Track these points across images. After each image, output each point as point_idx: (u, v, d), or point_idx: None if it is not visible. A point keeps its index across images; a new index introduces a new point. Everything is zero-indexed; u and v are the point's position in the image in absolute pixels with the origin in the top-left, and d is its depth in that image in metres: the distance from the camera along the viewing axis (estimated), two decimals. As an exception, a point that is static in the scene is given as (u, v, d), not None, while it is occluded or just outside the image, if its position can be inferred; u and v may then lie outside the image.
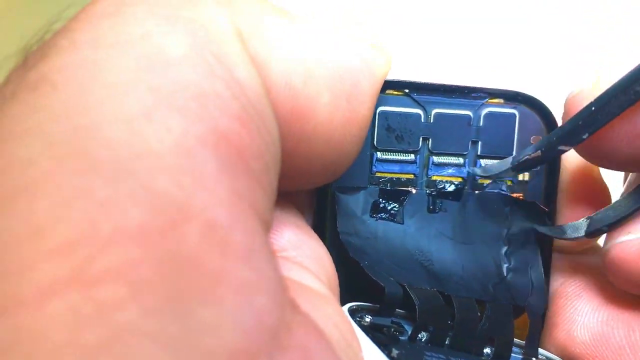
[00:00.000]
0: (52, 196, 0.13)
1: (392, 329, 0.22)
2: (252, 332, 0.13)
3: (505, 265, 0.26)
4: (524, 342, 0.25)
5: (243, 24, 0.18)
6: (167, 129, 0.14)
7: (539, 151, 0.23)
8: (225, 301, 0.13)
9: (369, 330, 0.21)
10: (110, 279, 0.12)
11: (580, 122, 0.22)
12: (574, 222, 0.25)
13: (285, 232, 0.21)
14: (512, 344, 0.24)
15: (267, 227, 0.17)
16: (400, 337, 0.22)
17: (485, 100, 0.26)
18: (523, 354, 0.24)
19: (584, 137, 0.22)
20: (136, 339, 0.12)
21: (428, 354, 0.21)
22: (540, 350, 0.25)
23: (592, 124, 0.22)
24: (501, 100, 0.26)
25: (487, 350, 0.23)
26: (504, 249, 0.26)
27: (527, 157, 0.24)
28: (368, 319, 0.21)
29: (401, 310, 0.23)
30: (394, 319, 0.23)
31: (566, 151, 0.23)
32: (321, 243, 0.23)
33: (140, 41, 0.15)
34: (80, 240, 0.13)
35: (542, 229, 0.26)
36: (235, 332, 0.13)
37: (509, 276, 0.25)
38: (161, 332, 0.12)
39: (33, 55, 0.16)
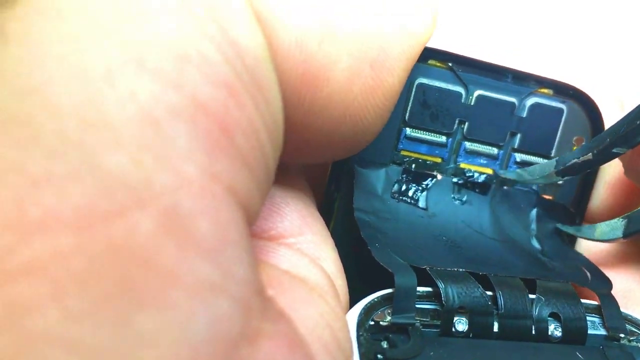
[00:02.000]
0: None
1: (418, 326, 0.18)
2: (205, 345, 0.11)
3: (545, 259, 0.23)
4: (594, 305, 0.21)
5: None
6: (131, 94, 0.12)
7: (590, 154, 0.20)
8: (175, 306, 0.11)
9: (388, 332, 0.18)
10: (30, 274, 0.10)
11: (638, 122, 0.19)
12: (609, 221, 0.22)
13: (287, 215, 0.19)
14: (584, 318, 0.20)
15: (250, 213, 0.14)
16: (428, 332, 0.19)
17: (534, 90, 0.23)
18: (607, 329, 0.20)
19: None
20: (52, 350, 0.10)
21: None
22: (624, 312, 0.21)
23: None
24: (551, 92, 0.23)
25: (553, 330, 0.20)
26: (538, 247, 0.24)
27: (575, 160, 0.21)
28: (389, 317, 0.18)
29: (428, 289, 0.19)
30: (422, 308, 0.19)
31: (621, 154, 0.20)
32: (325, 228, 0.20)
33: None
34: (1, 226, 0.10)
35: (569, 230, 0.24)
36: (180, 345, 0.11)
37: (554, 267, 0.22)
38: (85, 341, 0.10)
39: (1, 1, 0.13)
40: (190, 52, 0.13)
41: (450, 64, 0.22)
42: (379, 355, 0.17)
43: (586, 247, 0.24)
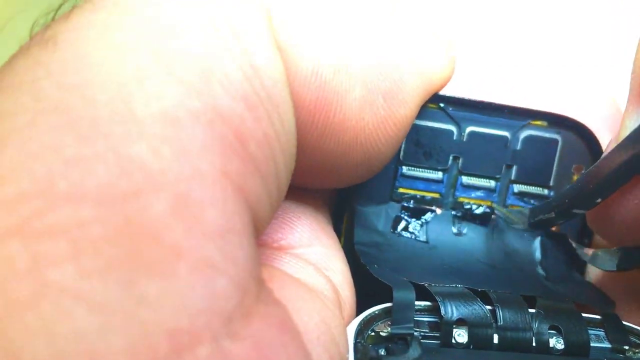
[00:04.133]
0: (21, 148, 0.13)
1: (417, 336, 0.19)
2: (200, 314, 0.13)
3: (550, 284, 0.23)
4: (597, 319, 0.21)
5: (276, 7, 0.17)
6: (157, 96, 0.14)
7: (553, 213, 0.22)
8: (178, 277, 0.13)
9: (388, 342, 0.19)
10: (54, 234, 0.12)
11: (591, 186, 0.20)
12: (608, 250, 0.23)
13: (298, 228, 0.21)
14: (586, 331, 0.20)
15: (258, 217, 0.16)
16: (429, 343, 0.19)
17: (527, 122, 0.24)
18: (610, 341, 0.20)
19: (597, 201, 0.20)
20: (66, 299, 0.12)
21: None
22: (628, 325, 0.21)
23: (605, 187, 0.20)
24: (544, 124, 0.24)
25: (555, 343, 0.20)
26: (543, 274, 0.24)
27: (541, 217, 0.22)
28: (389, 329, 0.19)
29: (427, 303, 0.20)
30: (421, 321, 0.20)
31: (580, 215, 0.21)
32: (337, 243, 0.22)
33: (156, 8, 0.15)
34: (34, 194, 0.12)
35: (579, 252, 0.24)
36: (179, 311, 0.12)
37: (557, 289, 0.23)
38: (94, 295, 0.12)
39: (62, 15, 0.16)
40: (214, 67, 0.15)
41: (441, 105, 0.23)
42: None
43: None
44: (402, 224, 0.24)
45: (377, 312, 0.20)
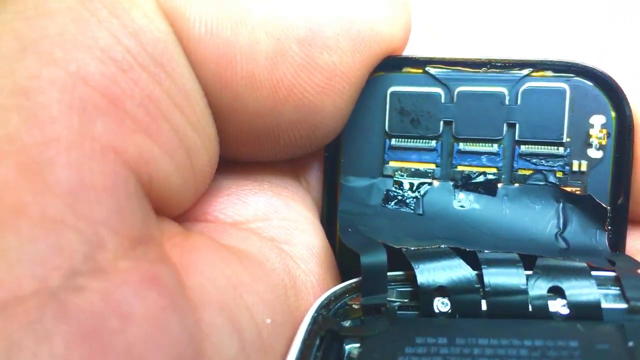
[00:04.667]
0: None
1: (392, 307, 0.18)
2: (38, 266, 0.13)
3: (567, 255, 0.20)
4: (612, 277, 0.18)
5: None
6: (9, 72, 0.14)
7: None
8: (17, 231, 0.13)
9: (362, 314, 0.18)
10: None
11: None
12: None
13: (252, 203, 0.20)
14: (594, 290, 0.17)
15: (152, 172, 0.16)
16: (409, 314, 0.18)
17: (527, 74, 0.21)
18: (626, 300, 0.17)
19: None
20: None
21: (419, 340, 0.16)
22: None
23: None
24: (548, 73, 0.21)
25: (559, 306, 0.17)
26: (563, 246, 0.21)
27: None
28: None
29: (401, 273, 0.18)
30: (401, 291, 0.18)
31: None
32: (308, 217, 0.21)
33: (31, 5, 0.16)
34: None
35: None
36: (15, 262, 0.12)
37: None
38: None
39: None
40: (79, 37, 0.15)
41: (426, 68, 0.22)
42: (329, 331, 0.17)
43: None
44: (396, 199, 0.22)
45: (352, 285, 0.18)
